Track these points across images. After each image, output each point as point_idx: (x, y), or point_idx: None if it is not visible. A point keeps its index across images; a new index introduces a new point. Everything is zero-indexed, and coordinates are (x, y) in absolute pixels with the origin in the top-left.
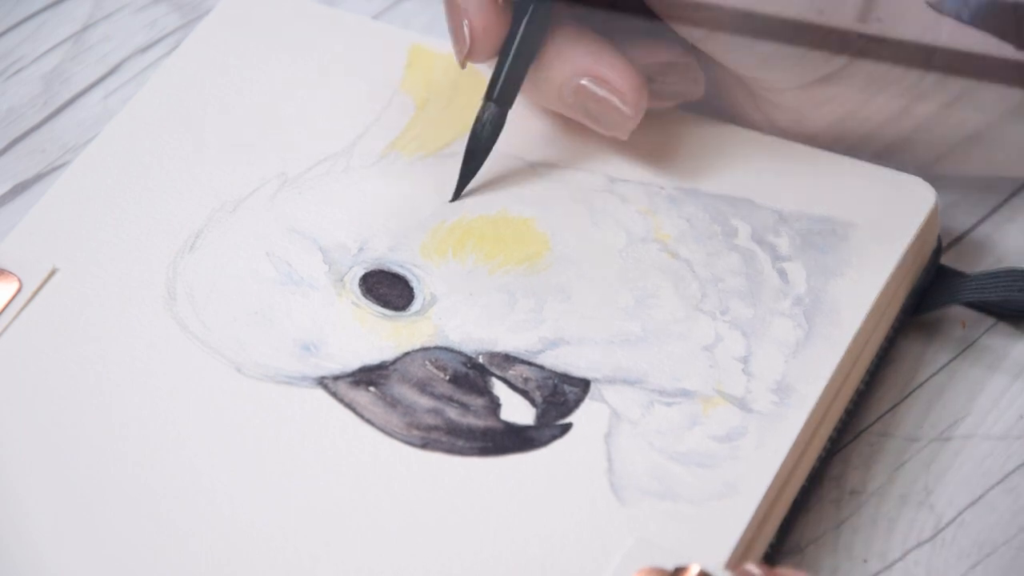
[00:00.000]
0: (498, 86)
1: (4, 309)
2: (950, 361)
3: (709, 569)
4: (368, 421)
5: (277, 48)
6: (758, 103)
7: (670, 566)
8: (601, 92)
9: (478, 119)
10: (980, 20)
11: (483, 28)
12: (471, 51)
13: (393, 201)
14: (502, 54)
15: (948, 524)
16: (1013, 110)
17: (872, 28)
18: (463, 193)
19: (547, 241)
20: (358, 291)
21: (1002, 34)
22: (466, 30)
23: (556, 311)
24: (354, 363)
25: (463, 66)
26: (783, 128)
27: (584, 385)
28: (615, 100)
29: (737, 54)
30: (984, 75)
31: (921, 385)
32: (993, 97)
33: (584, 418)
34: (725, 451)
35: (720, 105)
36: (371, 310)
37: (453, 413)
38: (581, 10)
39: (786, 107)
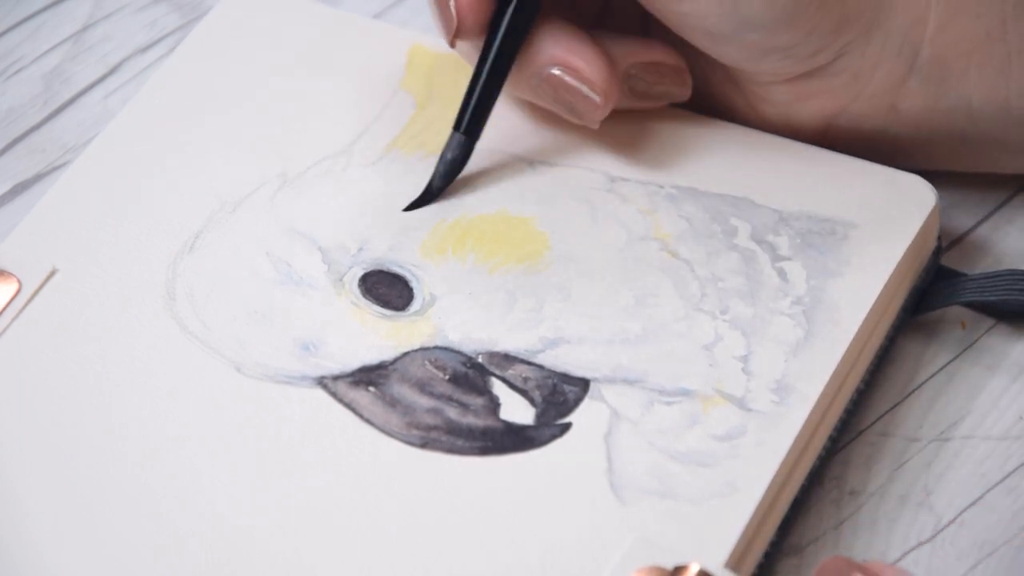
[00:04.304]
0: (466, 118)
1: (4, 309)
2: (950, 361)
3: (709, 568)
4: (368, 421)
5: (277, 48)
6: (747, 97)
7: (670, 565)
8: (570, 80)
9: (446, 149)
10: None
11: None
12: (460, 28)
13: (393, 200)
14: (470, 86)
15: (948, 524)
16: (1000, 106)
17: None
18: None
19: (547, 240)
20: (357, 291)
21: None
22: (453, 8)
23: (556, 310)
24: (354, 363)
25: (452, 46)
26: (771, 123)
27: (584, 384)
28: (584, 88)
29: (725, 47)
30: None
31: (921, 385)
32: (980, 95)
33: (584, 417)
34: (725, 450)
35: (711, 100)
36: (371, 310)
37: (453, 413)
38: (571, 10)
39: (774, 101)
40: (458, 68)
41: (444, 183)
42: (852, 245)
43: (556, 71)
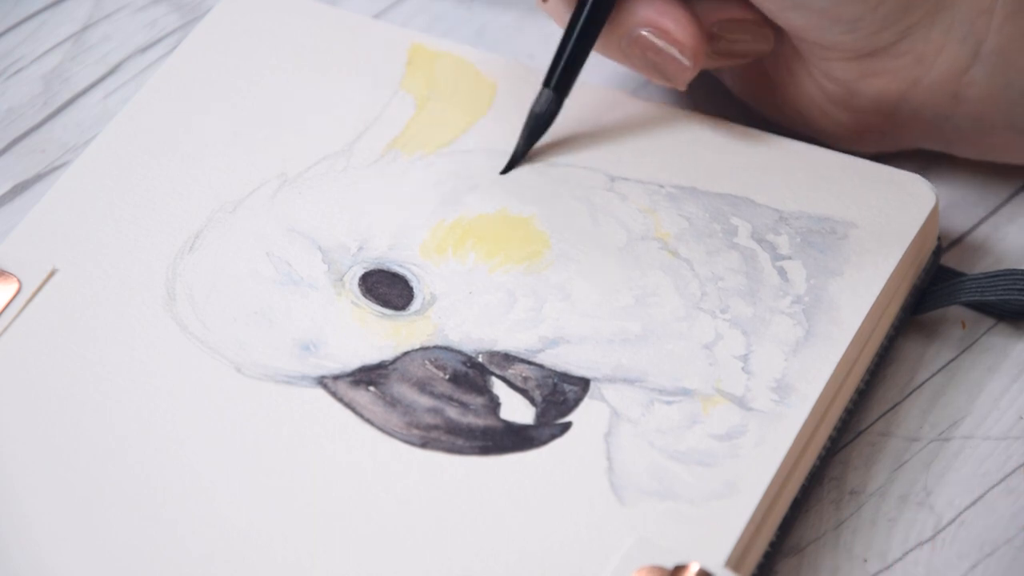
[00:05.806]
0: (556, 73)
1: (4, 309)
2: (950, 361)
3: (709, 568)
4: (368, 421)
5: (277, 48)
6: (811, 73)
7: (670, 565)
8: (660, 43)
9: (534, 104)
10: None
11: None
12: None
13: (393, 200)
14: (561, 43)
15: (948, 524)
16: None
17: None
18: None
19: (547, 240)
20: (358, 290)
21: None
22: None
23: (556, 310)
24: (354, 363)
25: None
26: (835, 101)
27: (584, 384)
28: (674, 50)
29: (791, 13)
30: None
31: (921, 385)
32: None
33: (584, 417)
34: (725, 450)
35: (777, 76)
36: (371, 309)
37: (453, 412)
38: None
39: (837, 78)
40: (458, 68)
41: (531, 140)
42: (852, 244)
43: (646, 32)
